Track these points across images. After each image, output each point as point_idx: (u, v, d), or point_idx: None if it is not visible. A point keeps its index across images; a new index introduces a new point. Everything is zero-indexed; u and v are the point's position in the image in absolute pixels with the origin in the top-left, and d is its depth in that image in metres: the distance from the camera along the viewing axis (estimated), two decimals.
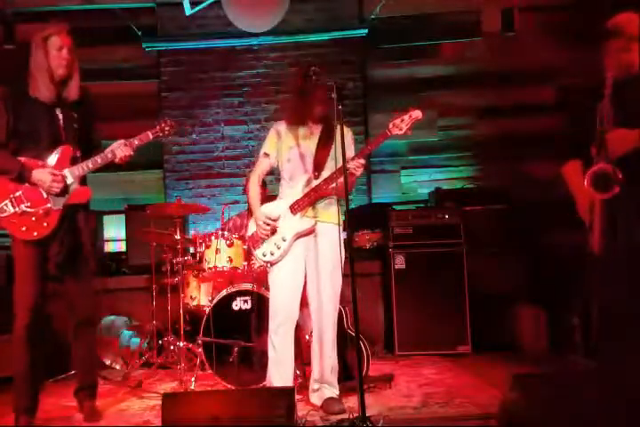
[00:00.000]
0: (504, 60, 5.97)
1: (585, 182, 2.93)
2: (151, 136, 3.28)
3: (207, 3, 5.71)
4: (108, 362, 4.81)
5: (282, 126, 3.45)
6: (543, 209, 4.95)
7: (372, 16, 5.95)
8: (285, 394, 2.56)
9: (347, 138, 3.24)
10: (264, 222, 3.30)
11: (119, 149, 3.21)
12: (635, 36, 2.95)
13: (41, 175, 3.11)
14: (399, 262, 4.86)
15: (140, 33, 5.96)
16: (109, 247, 5.91)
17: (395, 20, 6.05)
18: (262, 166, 3.49)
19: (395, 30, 6.04)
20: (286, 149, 3.39)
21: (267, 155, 3.46)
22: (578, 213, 3.08)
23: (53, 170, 3.13)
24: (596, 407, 2.37)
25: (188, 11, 5.76)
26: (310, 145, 3.36)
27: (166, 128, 3.32)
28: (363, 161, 3.17)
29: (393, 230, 4.92)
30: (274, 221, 3.30)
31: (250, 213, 3.65)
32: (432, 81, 6.06)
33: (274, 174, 3.85)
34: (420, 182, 6.11)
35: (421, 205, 5.73)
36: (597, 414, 2.35)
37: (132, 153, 3.25)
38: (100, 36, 5.88)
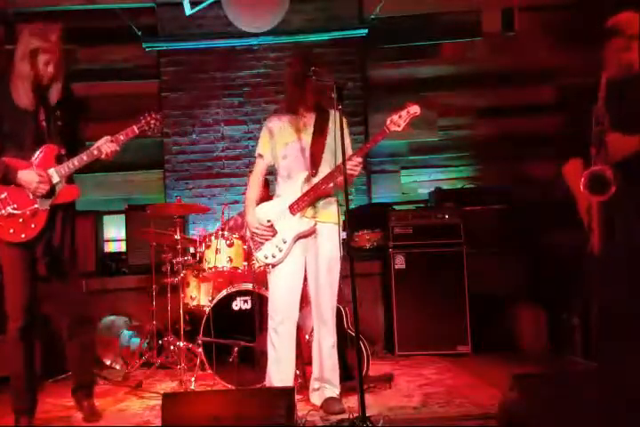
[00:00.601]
0: (504, 60, 5.97)
1: (581, 184, 2.93)
2: (137, 130, 3.24)
3: (207, 3, 5.71)
4: (108, 362, 4.82)
5: (273, 122, 3.41)
6: (543, 209, 4.95)
7: (372, 16, 5.95)
8: (285, 394, 2.56)
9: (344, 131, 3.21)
10: (257, 228, 3.29)
11: (105, 145, 3.17)
12: (635, 36, 2.95)
13: (27, 176, 3.06)
14: (399, 262, 4.86)
15: (140, 33, 5.95)
16: (109, 247, 5.90)
17: (395, 20, 6.04)
18: (259, 168, 3.46)
19: (395, 30, 6.04)
20: (281, 145, 3.35)
21: (261, 156, 3.43)
22: (578, 213, 3.08)
23: (39, 171, 3.09)
24: (596, 407, 2.37)
25: (188, 11, 5.77)
26: (305, 138, 3.32)
27: (152, 122, 3.28)
28: (360, 159, 3.15)
29: (393, 230, 4.92)
30: (267, 226, 3.29)
31: None
32: (432, 81, 6.06)
33: (273, 174, 3.84)
34: (419, 182, 6.11)
35: (421, 205, 5.73)
36: (597, 414, 2.35)
37: (117, 148, 3.20)
38: (100, 36, 5.89)
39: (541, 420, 2.37)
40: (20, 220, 3.08)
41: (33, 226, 3.09)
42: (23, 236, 3.08)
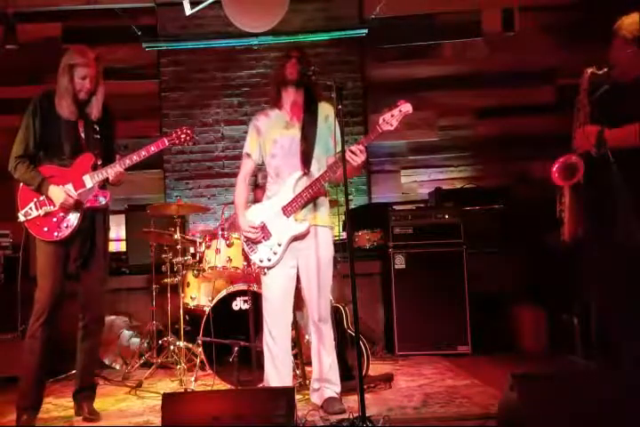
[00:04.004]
0: (504, 60, 5.97)
1: (554, 173, 3.00)
2: (167, 143, 3.44)
3: (207, 3, 5.69)
4: (107, 362, 4.82)
5: (260, 121, 3.38)
6: (543, 209, 4.94)
7: (372, 16, 5.95)
8: (285, 394, 2.56)
9: (333, 121, 3.19)
10: (249, 231, 3.26)
11: (135, 156, 3.35)
12: (630, 38, 2.97)
13: (57, 193, 3.25)
14: (399, 262, 4.86)
15: (139, 33, 5.96)
16: (109, 247, 5.89)
17: (395, 20, 6.05)
18: (246, 167, 3.43)
19: (395, 30, 6.04)
20: (269, 143, 3.30)
21: (248, 155, 3.39)
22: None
23: (70, 189, 3.27)
24: (596, 407, 2.37)
25: (188, 11, 5.75)
26: (294, 136, 3.27)
27: (182, 135, 3.48)
28: (361, 147, 3.03)
29: (393, 230, 4.92)
30: (259, 227, 3.25)
31: None
32: (432, 81, 6.06)
33: None
34: (419, 182, 6.11)
35: (421, 205, 5.73)
36: (597, 414, 2.35)
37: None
38: (99, 35, 5.88)
39: (541, 420, 2.37)
40: (54, 219, 3.27)
41: (66, 226, 3.27)
42: (56, 234, 3.26)
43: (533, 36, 5.93)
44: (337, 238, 3.46)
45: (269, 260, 3.24)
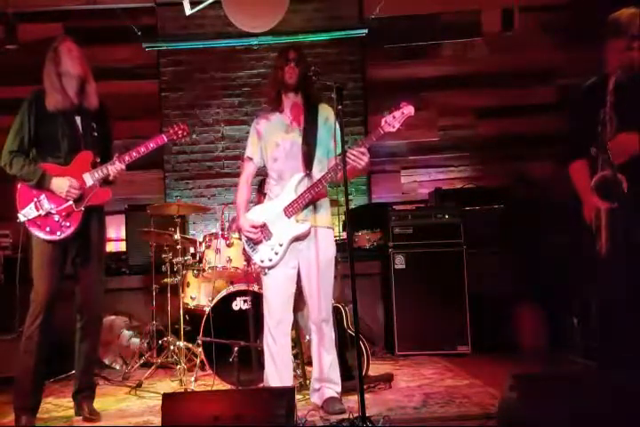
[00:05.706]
0: (504, 60, 5.98)
1: (591, 190, 2.92)
2: (166, 139, 3.42)
3: (207, 3, 5.70)
4: (107, 362, 4.82)
5: (261, 124, 3.38)
6: (543, 209, 4.96)
7: (372, 16, 5.95)
8: (285, 394, 2.56)
9: (333, 123, 3.20)
10: (249, 231, 3.26)
11: (134, 153, 3.33)
12: (637, 35, 2.91)
13: (59, 183, 3.23)
14: (399, 262, 4.86)
15: (139, 33, 5.96)
16: (109, 247, 5.90)
17: (395, 20, 6.05)
18: (248, 170, 3.43)
19: (395, 30, 6.04)
20: (271, 146, 3.30)
21: (250, 159, 3.40)
22: (582, 214, 3.05)
23: (71, 179, 3.24)
24: (596, 407, 2.37)
25: (188, 11, 5.75)
26: (295, 140, 3.27)
27: (179, 131, 3.46)
28: (363, 149, 3.04)
29: (393, 230, 4.92)
30: (260, 227, 3.25)
31: None
32: (432, 81, 6.06)
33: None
34: (419, 182, 6.11)
35: (421, 205, 5.73)
36: (597, 414, 2.35)
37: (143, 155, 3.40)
38: (99, 35, 5.89)
39: (541, 420, 2.37)
40: (56, 219, 3.24)
41: (68, 225, 3.25)
42: (59, 234, 3.24)
43: (533, 36, 5.93)
44: (337, 238, 3.45)
45: (270, 260, 3.24)
